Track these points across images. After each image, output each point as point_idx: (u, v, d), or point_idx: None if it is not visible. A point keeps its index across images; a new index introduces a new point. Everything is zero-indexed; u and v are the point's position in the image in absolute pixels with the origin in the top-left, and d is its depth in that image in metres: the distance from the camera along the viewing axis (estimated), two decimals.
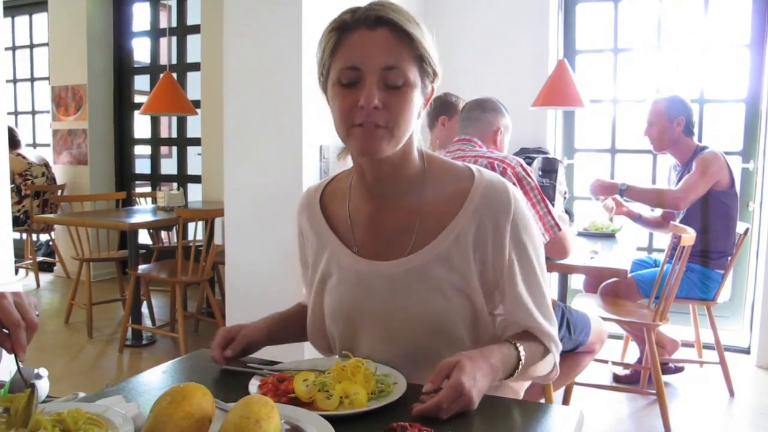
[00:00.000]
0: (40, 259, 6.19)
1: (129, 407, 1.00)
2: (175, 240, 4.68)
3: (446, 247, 1.20)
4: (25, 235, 5.99)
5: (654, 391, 2.97)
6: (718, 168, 3.22)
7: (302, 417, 0.94)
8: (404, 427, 0.83)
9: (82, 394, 1.39)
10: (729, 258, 3.29)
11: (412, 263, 1.21)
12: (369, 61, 1.10)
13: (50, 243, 6.27)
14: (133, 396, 1.10)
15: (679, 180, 3.39)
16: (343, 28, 1.14)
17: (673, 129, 3.34)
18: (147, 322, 4.56)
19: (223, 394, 1.00)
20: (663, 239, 3.95)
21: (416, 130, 1.22)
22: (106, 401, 1.01)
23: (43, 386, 1.39)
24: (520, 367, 1.16)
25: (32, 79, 6.80)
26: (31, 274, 5.94)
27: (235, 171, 3.15)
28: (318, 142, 3.04)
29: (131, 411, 0.98)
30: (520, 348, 1.17)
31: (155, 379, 1.20)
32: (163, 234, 5.29)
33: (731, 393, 3.34)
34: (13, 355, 1.01)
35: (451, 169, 1.28)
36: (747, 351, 3.93)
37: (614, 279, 3.24)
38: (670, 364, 3.53)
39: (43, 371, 1.40)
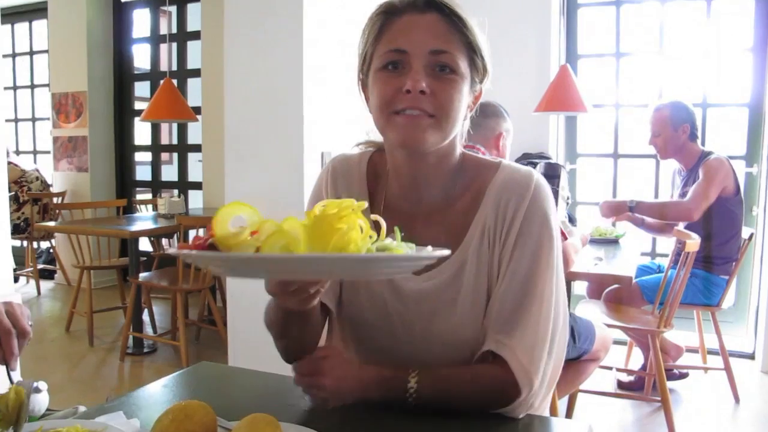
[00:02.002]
0: (40, 266, 6.17)
1: (129, 424, 0.98)
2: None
3: (473, 249, 1.12)
4: (25, 243, 5.97)
5: (659, 398, 2.94)
6: (724, 174, 3.19)
7: None
8: None
9: (82, 408, 1.36)
10: (733, 263, 3.27)
11: (442, 275, 1.12)
12: (416, 43, 1.04)
13: (51, 250, 6.26)
14: (133, 411, 1.07)
15: (684, 185, 3.37)
16: (390, 12, 1.08)
17: (678, 137, 3.31)
18: (148, 329, 4.54)
19: (226, 410, 0.98)
20: (666, 244, 3.93)
21: (460, 133, 1.14)
22: (105, 418, 0.99)
23: (42, 400, 1.37)
24: (412, 393, 1.04)
25: (32, 86, 6.80)
26: (32, 282, 5.92)
27: (235, 178, 3.13)
28: (319, 149, 3.02)
29: (131, 428, 0.96)
30: (413, 379, 1.04)
31: (156, 393, 1.18)
32: (164, 241, 5.27)
33: (736, 399, 3.31)
34: (4, 365, 1.00)
35: (480, 166, 1.18)
36: (752, 356, 3.91)
37: (618, 285, 3.22)
38: (675, 371, 3.50)
39: (43, 385, 1.38)
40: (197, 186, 5.77)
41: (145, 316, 4.54)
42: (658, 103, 3.43)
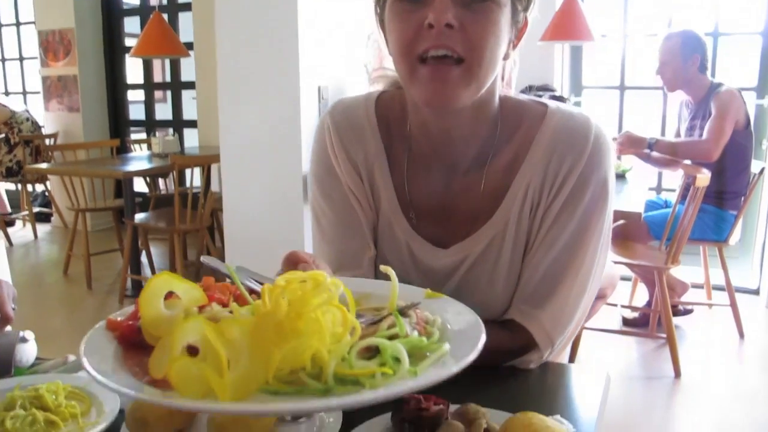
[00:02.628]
0: (36, 209, 6.10)
1: None
2: (173, 187, 4.58)
3: (513, 214, 0.95)
4: (19, 186, 5.88)
5: (664, 335, 2.92)
6: (737, 107, 3.09)
7: None
8: (418, 401, 0.74)
9: (72, 358, 1.31)
10: (743, 198, 3.20)
11: (477, 246, 0.97)
12: None
13: (46, 193, 6.17)
14: None
15: (692, 118, 3.26)
16: None
17: (688, 68, 3.18)
18: (147, 271, 4.49)
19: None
20: (673, 179, 3.84)
21: (500, 75, 0.94)
22: None
23: (29, 350, 1.31)
24: None
25: (17, 24, 6.56)
26: (28, 225, 5.86)
27: (230, 115, 3.03)
28: (316, 83, 2.91)
29: None
30: None
31: None
32: (161, 181, 5.19)
33: (741, 335, 3.29)
34: None
35: (523, 111, 0.98)
36: (756, 292, 3.87)
37: (623, 221, 3.15)
38: (680, 307, 3.47)
39: (29, 334, 1.32)
40: (192, 124, 5.63)
41: (144, 258, 4.49)
42: (668, 32, 3.29)
